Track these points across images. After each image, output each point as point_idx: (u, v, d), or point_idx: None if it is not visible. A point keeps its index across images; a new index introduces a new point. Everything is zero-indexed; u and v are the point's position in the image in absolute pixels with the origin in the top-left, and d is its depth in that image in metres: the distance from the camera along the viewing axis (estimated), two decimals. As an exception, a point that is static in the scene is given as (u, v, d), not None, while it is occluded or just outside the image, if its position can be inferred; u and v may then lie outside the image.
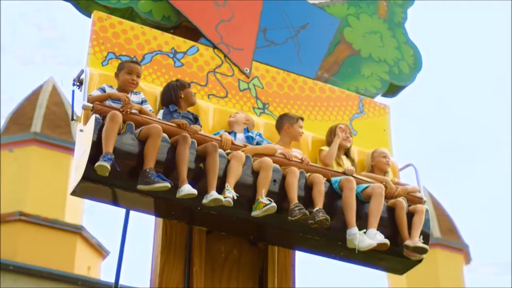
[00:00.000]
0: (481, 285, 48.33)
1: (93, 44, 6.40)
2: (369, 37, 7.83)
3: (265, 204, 5.86)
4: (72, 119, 6.17)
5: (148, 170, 5.63)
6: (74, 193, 5.89)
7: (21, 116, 18.24)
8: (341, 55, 7.59)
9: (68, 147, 17.36)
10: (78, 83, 6.24)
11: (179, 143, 5.83)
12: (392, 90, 7.79)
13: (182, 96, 6.31)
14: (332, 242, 6.33)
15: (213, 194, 5.73)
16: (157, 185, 5.58)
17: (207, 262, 6.34)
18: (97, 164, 5.49)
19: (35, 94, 18.72)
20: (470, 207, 50.71)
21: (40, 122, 17.93)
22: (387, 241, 6.11)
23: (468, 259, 22.20)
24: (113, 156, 5.54)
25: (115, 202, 6.04)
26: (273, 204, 5.85)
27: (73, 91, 6.28)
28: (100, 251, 17.96)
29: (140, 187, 5.61)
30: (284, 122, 6.64)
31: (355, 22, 7.76)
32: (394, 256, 6.47)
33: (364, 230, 6.11)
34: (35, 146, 17.74)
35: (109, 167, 5.48)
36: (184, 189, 5.68)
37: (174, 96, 6.31)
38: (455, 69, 51.83)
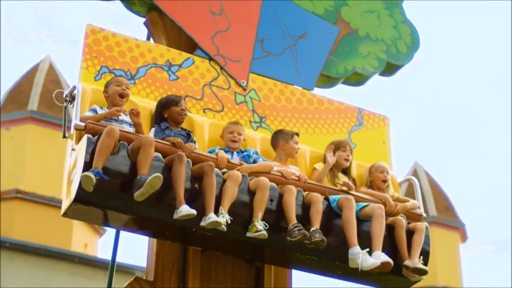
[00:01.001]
0: (477, 264, 48.55)
1: (85, 58, 6.23)
2: (367, 16, 7.68)
3: (257, 230, 5.75)
4: (64, 137, 6.04)
5: (139, 177, 5.48)
6: (65, 215, 5.77)
7: (18, 94, 18.18)
8: (339, 34, 7.42)
9: (64, 125, 17.24)
10: (70, 99, 6.08)
11: (175, 163, 5.70)
12: (390, 69, 7.67)
13: (166, 116, 6.15)
14: (330, 261, 6.22)
15: (212, 217, 5.60)
16: (148, 179, 5.40)
17: (202, 279, 6.23)
18: (82, 174, 5.34)
19: (32, 72, 18.65)
20: (466, 186, 50.73)
21: (36, 101, 17.90)
22: (391, 261, 6.00)
23: (464, 238, 22.23)
24: (100, 171, 5.39)
25: (108, 224, 5.93)
26: (264, 232, 5.74)
27: (64, 108, 6.13)
28: (97, 228, 17.94)
29: (136, 194, 5.43)
30: (279, 139, 6.50)
31: (352, 1, 7.62)
32: (393, 275, 6.35)
33: (367, 249, 5.99)
34: (31, 124, 17.76)
35: (94, 180, 5.32)
36: (182, 210, 5.55)
37: (160, 116, 6.17)
38: (453, 48, 51.54)
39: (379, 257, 5.99)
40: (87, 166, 5.47)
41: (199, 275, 6.19)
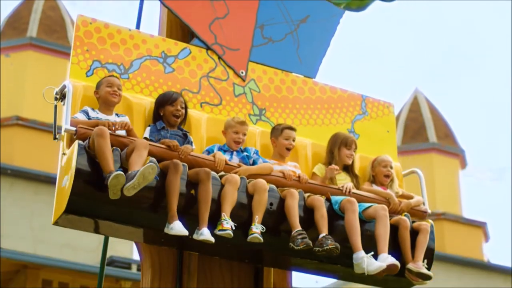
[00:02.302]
0: (476, 190, 48.72)
1: (76, 53, 5.92)
2: None
3: (252, 233, 5.55)
4: (55, 138, 5.78)
5: (130, 172, 5.22)
6: (56, 223, 5.56)
7: (17, 20, 17.86)
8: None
9: (64, 52, 17.20)
10: (60, 97, 5.80)
11: (170, 171, 5.46)
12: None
13: (162, 114, 5.90)
14: (331, 265, 6.05)
15: (204, 233, 5.39)
16: (141, 169, 5.14)
17: (199, 281, 6.08)
18: (111, 179, 5.11)
19: (30, -2, 18.24)
20: (467, 112, 50.40)
21: (36, 27, 17.69)
22: (397, 263, 5.83)
23: (463, 164, 22.13)
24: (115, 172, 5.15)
25: (100, 232, 5.74)
26: (256, 235, 5.52)
27: (55, 107, 5.85)
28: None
29: (126, 186, 5.14)
30: (271, 136, 6.26)
31: None
32: (394, 276, 6.19)
33: (372, 253, 5.82)
34: (31, 51, 17.52)
35: (124, 177, 5.12)
36: (174, 228, 5.34)
37: (157, 114, 5.91)
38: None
39: (385, 260, 5.81)
40: (79, 173, 5.25)
41: (196, 275, 6.03)
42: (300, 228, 5.68)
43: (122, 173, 5.13)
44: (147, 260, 6.02)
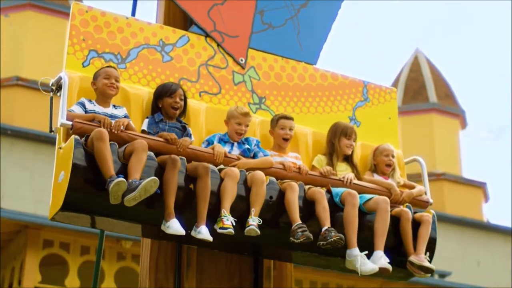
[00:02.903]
0: (476, 150, 48.61)
1: (72, 42, 5.79)
2: None
3: (249, 225, 5.46)
4: (51, 131, 5.67)
5: (131, 180, 5.16)
6: (53, 219, 5.48)
7: (15, -20, 17.66)
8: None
9: (64, 12, 17.11)
10: (56, 88, 5.69)
11: (168, 167, 5.37)
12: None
13: (160, 106, 5.80)
14: (332, 258, 5.98)
15: (202, 232, 5.32)
16: (143, 183, 5.07)
17: (198, 272, 6.03)
18: (113, 186, 5.05)
19: (28, -44, 18.00)
20: (467, 73, 50.08)
21: (35, -14, 17.43)
22: (389, 267, 5.77)
23: (464, 124, 22.08)
24: (116, 178, 5.09)
25: (97, 227, 5.68)
26: (253, 227, 5.42)
27: (51, 98, 5.74)
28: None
29: (127, 198, 5.10)
30: (270, 128, 6.16)
31: None
32: (397, 267, 6.13)
33: (366, 252, 5.76)
34: (31, 11, 17.38)
35: (126, 183, 5.07)
36: (170, 226, 5.26)
37: (155, 106, 5.80)
38: None
39: (378, 260, 5.75)
40: (75, 169, 5.17)
41: (195, 269, 5.98)
42: (300, 222, 5.61)
43: (124, 180, 5.06)
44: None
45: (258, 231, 5.46)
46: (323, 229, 5.64)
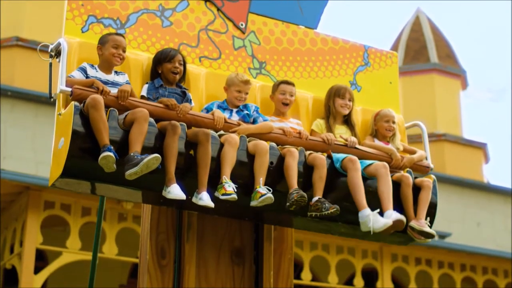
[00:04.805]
0: (476, 111, 48.48)
1: (71, 8, 5.75)
2: None
3: (261, 194, 5.45)
4: (50, 98, 5.65)
5: (132, 154, 5.17)
6: (53, 186, 5.47)
7: None
8: None
9: (65, -28, 16.75)
10: (56, 54, 5.66)
11: (168, 133, 5.35)
12: None
13: (160, 71, 5.77)
14: (332, 222, 5.98)
15: (203, 198, 5.32)
16: (146, 160, 5.08)
17: (199, 234, 6.03)
18: (100, 159, 5.06)
19: None
20: (468, 33, 49.73)
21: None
22: (403, 218, 5.76)
23: (464, 85, 22.02)
24: (111, 147, 5.10)
25: (97, 194, 5.67)
26: (270, 195, 5.44)
27: (50, 65, 5.71)
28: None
29: (128, 173, 5.12)
30: (271, 93, 6.14)
31: None
32: (397, 232, 6.13)
33: (378, 210, 5.74)
34: (30, -30, 17.27)
35: (114, 157, 5.06)
36: (171, 191, 5.26)
37: (155, 72, 5.78)
38: None
39: (390, 216, 5.74)
40: (75, 136, 5.15)
41: (195, 231, 5.99)
42: (297, 187, 5.60)
43: (111, 154, 5.05)
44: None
45: (273, 198, 5.46)
46: (314, 199, 5.64)
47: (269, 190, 5.48)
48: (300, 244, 14.65)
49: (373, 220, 5.68)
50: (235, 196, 5.33)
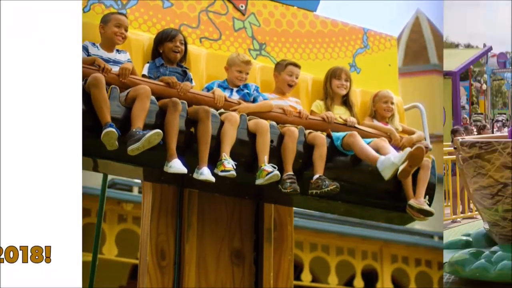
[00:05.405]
0: None
1: (73, -12, 5.79)
2: None
3: (268, 172, 5.48)
4: (53, 77, 5.69)
5: (135, 130, 5.22)
6: None
7: None
8: None
9: None
10: (57, 33, 5.71)
11: (169, 110, 5.40)
12: None
13: (161, 51, 5.82)
14: (332, 201, 6.00)
15: (204, 173, 5.36)
16: (147, 135, 5.13)
17: (199, 219, 6.08)
18: (103, 136, 5.12)
19: None
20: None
21: None
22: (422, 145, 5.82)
23: (465, 86, 22.08)
24: (113, 124, 5.16)
25: (99, 171, 5.73)
26: (276, 172, 5.49)
27: (52, 44, 5.75)
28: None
29: (130, 148, 5.16)
30: (274, 71, 6.19)
31: None
32: (395, 212, 6.19)
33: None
34: None
35: (116, 133, 5.11)
36: (173, 166, 5.30)
37: (156, 51, 5.83)
38: None
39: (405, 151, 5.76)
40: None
41: (196, 212, 6.03)
42: (291, 172, 5.65)
43: (113, 129, 5.11)
44: (147, 196, 6.02)
45: (280, 175, 5.50)
46: (315, 177, 5.68)
47: (275, 168, 5.52)
48: (300, 245, 14.65)
49: (393, 156, 5.72)
50: (233, 173, 5.37)
